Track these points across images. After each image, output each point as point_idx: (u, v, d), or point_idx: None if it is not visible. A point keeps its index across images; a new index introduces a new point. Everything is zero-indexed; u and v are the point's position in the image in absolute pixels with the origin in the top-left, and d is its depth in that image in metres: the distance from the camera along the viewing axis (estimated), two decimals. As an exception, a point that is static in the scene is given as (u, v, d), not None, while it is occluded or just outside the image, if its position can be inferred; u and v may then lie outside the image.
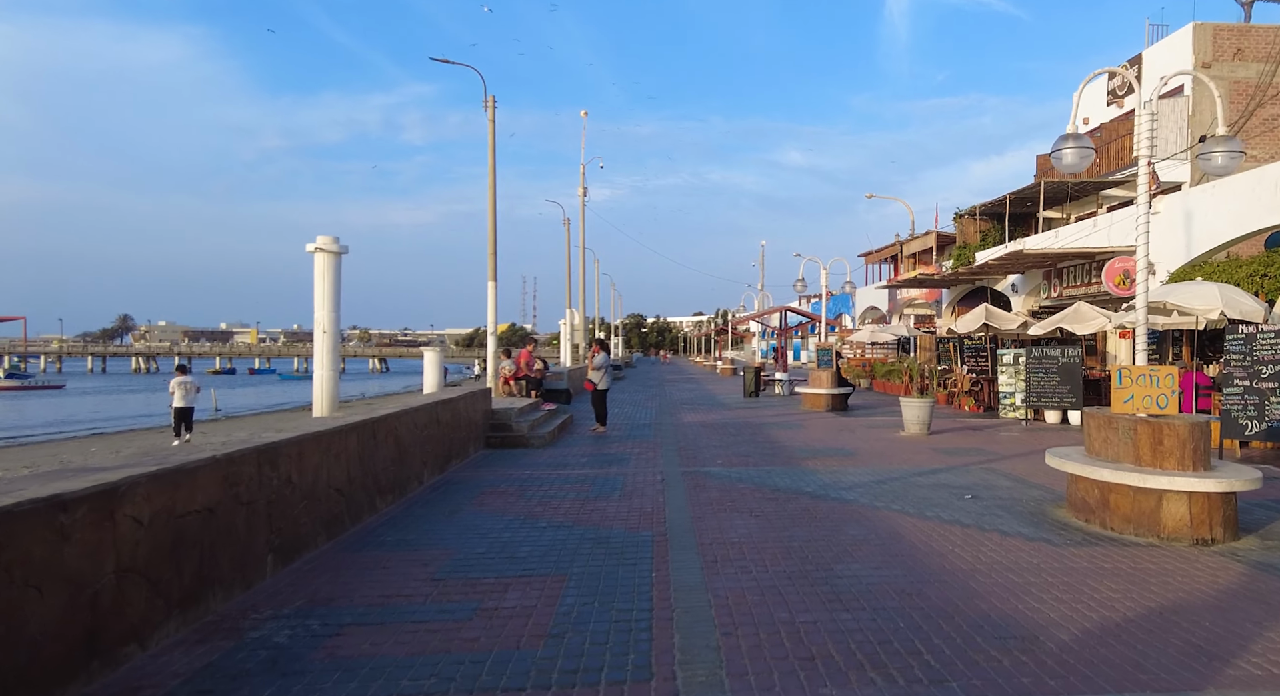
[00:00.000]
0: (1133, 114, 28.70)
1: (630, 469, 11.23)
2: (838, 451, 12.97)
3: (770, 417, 19.20)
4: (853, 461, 11.86)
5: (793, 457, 12.29)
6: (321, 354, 10.82)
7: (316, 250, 10.82)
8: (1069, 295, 22.65)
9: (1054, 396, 17.40)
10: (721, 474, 10.68)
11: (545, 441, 13.76)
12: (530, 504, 8.69)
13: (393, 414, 8.75)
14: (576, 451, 13.15)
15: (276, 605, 5.25)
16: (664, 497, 9.02)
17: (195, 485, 4.78)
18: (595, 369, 16.02)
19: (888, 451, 12.99)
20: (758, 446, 13.66)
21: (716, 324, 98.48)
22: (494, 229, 21.05)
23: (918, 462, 11.74)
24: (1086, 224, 21.92)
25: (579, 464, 11.74)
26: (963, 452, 12.83)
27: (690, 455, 12.64)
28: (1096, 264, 21.24)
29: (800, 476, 10.43)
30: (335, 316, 10.95)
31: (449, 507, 8.49)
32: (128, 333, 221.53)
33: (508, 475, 10.69)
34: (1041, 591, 5.52)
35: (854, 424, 17.61)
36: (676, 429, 16.69)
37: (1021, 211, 30.06)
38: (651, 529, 7.48)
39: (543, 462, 11.85)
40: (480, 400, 13.19)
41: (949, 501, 8.73)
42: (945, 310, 33.25)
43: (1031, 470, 10.95)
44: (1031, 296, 25.82)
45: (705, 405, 23.57)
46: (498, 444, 13.48)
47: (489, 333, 20.93)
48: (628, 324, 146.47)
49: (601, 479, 10.34)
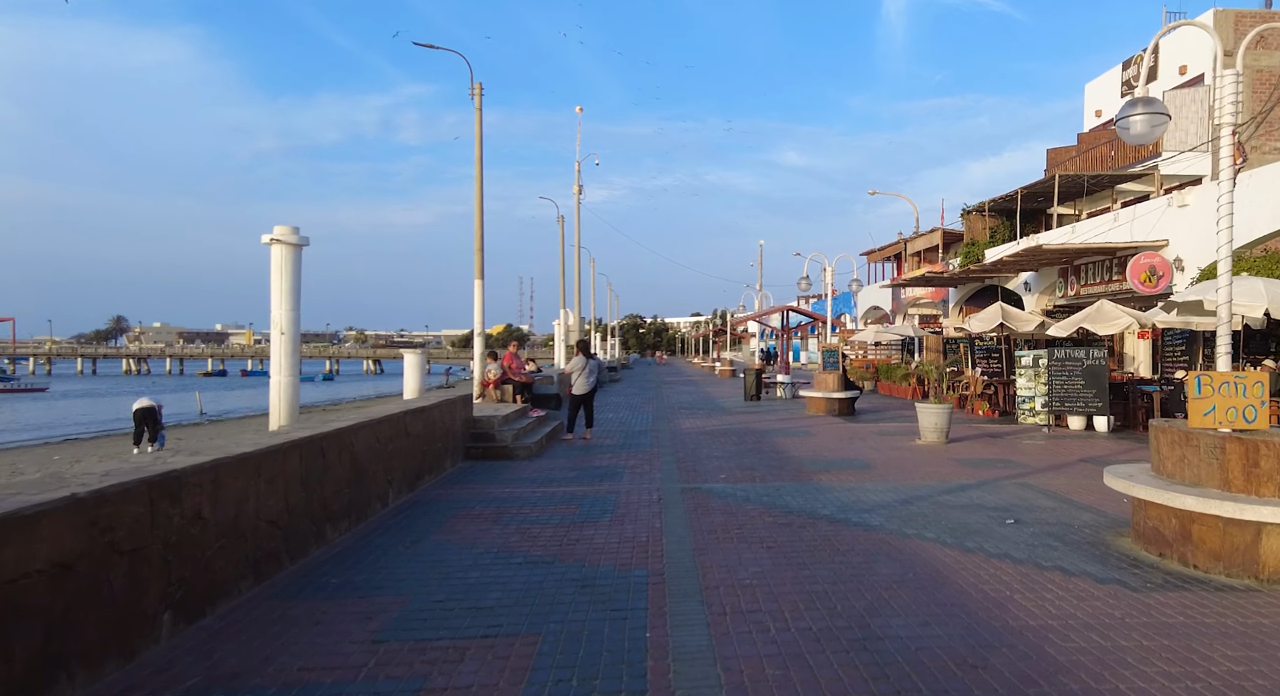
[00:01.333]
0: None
1: (624, 485, 10.06)
2: (852, 463, 11.81)
3: (774, 423, 18.04)
4: (870, 476, 10.70)
5: (803, 471, 11.13)
6: (279, 357, 9.66)
7: (273, 242, 9.66)
8: (1087, 294, 21.52)
9: (1078, 401, 16.26)
10: (726, 491, 9.52)
11: (531, 452, 12.58)
12: (506, 531, 7.52)
13: (348, 427, 7.58)
14: (565, 464, 11.98)
15: (161, 686, 4.07)
16: (661, 522, 7.85)
17: (35, 537, 3.61)
18: (573, 372, 14.90)
19: (906, 463, 11.83)
20: (763, 457, 12.50)
21: (715, 324, 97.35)
22: (481, 223, 19.88)
23: (942, 477, 10.58)
24: (1105, 218, 20.80)
25: (567, 479, 10.57)
26: (988, 464, 11.68)
27: (690, 468, 11.48)
28: (1118, 260, 20.12)
29: (814, 494, 9.27)
30: (295, 315, 9.78)
31: (413, 536, 7.32)
32: (122, 334, 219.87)
33: (486, 493, 9.51)
34: (1141, 662, 4.35)
35: (864, 431, 16.45)
36: (675, 436, 15.53)
37: (1032, 207, 28.91)
38: (646, 566, 6.31)
39: (527, 477, 10.68)
40: (459, 407, 12.02)
41: (989, 527, 7.57)
42: (952, 309, 32.11)
43: (1072, 486, 9.79)
44: (1045, 295, 24.69)
45: (704, 409, 22.42)
46: (478, 455, 12.31)
47: (476, 333, 19.77)
48: (625, 325, 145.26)
49: (591, 498, 9.16)
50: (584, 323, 48.70)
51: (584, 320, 48.55)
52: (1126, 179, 24.35)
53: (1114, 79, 29.70)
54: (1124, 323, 17.21)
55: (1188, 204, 17.71)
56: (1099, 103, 30.74)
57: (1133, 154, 25.69)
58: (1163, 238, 18.28)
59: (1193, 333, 16.38)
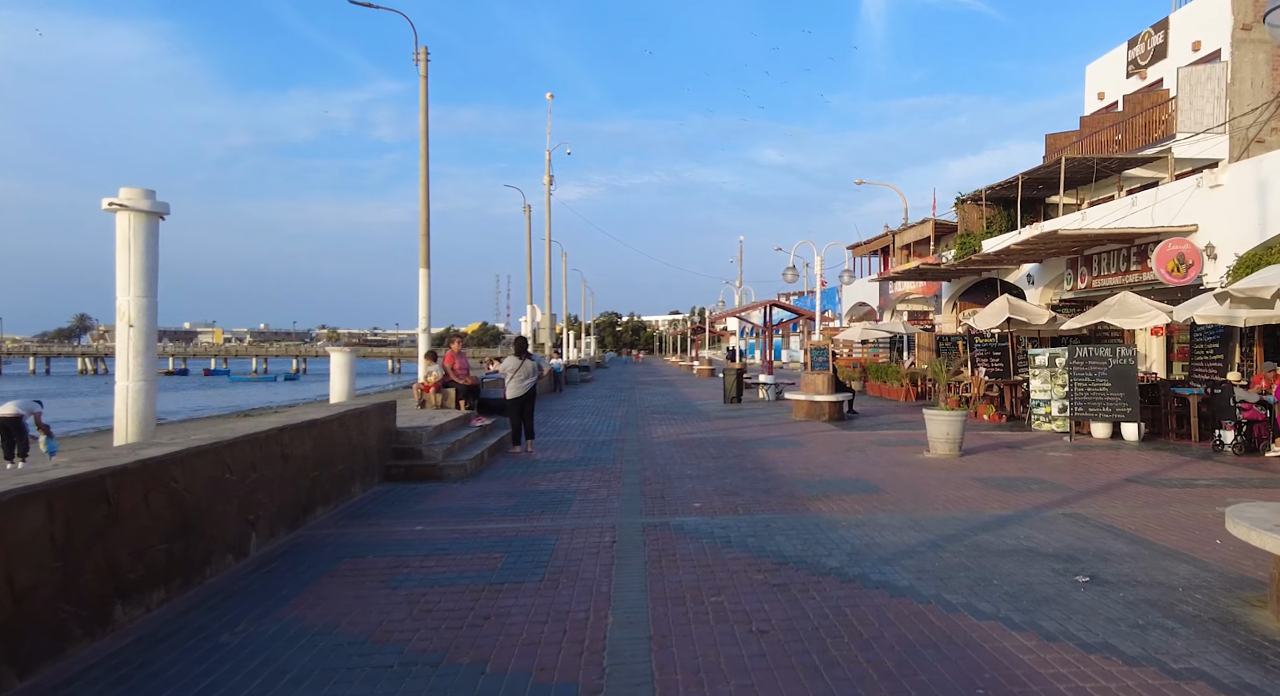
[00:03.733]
0: (1158, 85, 25.79)
1: (570, 519, 7.91)
2: (855, 484, 9.72)
3: (758, 431, 15.95)
4: (880, 503, 8.61)
5: (795, 496, 9.03)
6: (128, 357, 7.48)
7: (117, 208, 7.49)
8: (1100, 286, 19.59)
9: (1103, 406, 14.27)
10: (700, 528, 7.39)
11: (464, 472, 10.39)
12: (393, 601, 5.35)
13: (168, 456, 5.37)
14: (503, 487, 9.81)
15: None
16: (610, 584, 5.71)
17: None
18: (505, 374, 12.76)
19: (920, 484, 9.77)
20: (748, 476, 10.40)
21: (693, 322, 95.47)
22: (426, 205, 17.69)
23: (969, 504, 8.52)
24: (1122, 203, 18.86)
25: (500, 510, 8.39)
26: (1019, 485, 9.64)
27: (658, 492, 9.35)
28: (1136, 249, 18.19)
29: (815, 533, 7.17)
30: (149, 303, 7.62)
31: (253, 613, 5.14)
32: (85, 333, 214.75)
33: (390, 534, 7.33)
34: None
35: (860, 440, 14.39)
36: (644, 448, 13.39)
37: (1030, 196, 26.95)
38: (578, 675, 4.16)
39: (450, 508, 8.49)
40: (375, 418, 9.83)
41: (1061, 590, 5.49)
42: (945, 305, 30.19)
43: (1137, 519, 7.75)
44: (1051, 288, 22.76)
45: (680, 414, 20.30)
46: (400, 476, 10.12)
47: (420, 329, 17.53)
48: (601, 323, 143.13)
49: (524, 541, 7.00)
50: (555, 320, 46.52)
51: (555, 317, 46.37)
52: (1139, 163, 22.43)
53: (1118, 59, 27.86)
54: (1151, 317, 15.29)
55: (1221, 184, 15.79)
56: (1101, 85, 28.89)
57: (1142, 136, 23.82)
58: (1190, 222, 16.37)
59: (1228, 328, 14.47)
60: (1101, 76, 28.95)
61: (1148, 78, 26.31)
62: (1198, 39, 23.88)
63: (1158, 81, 25.71)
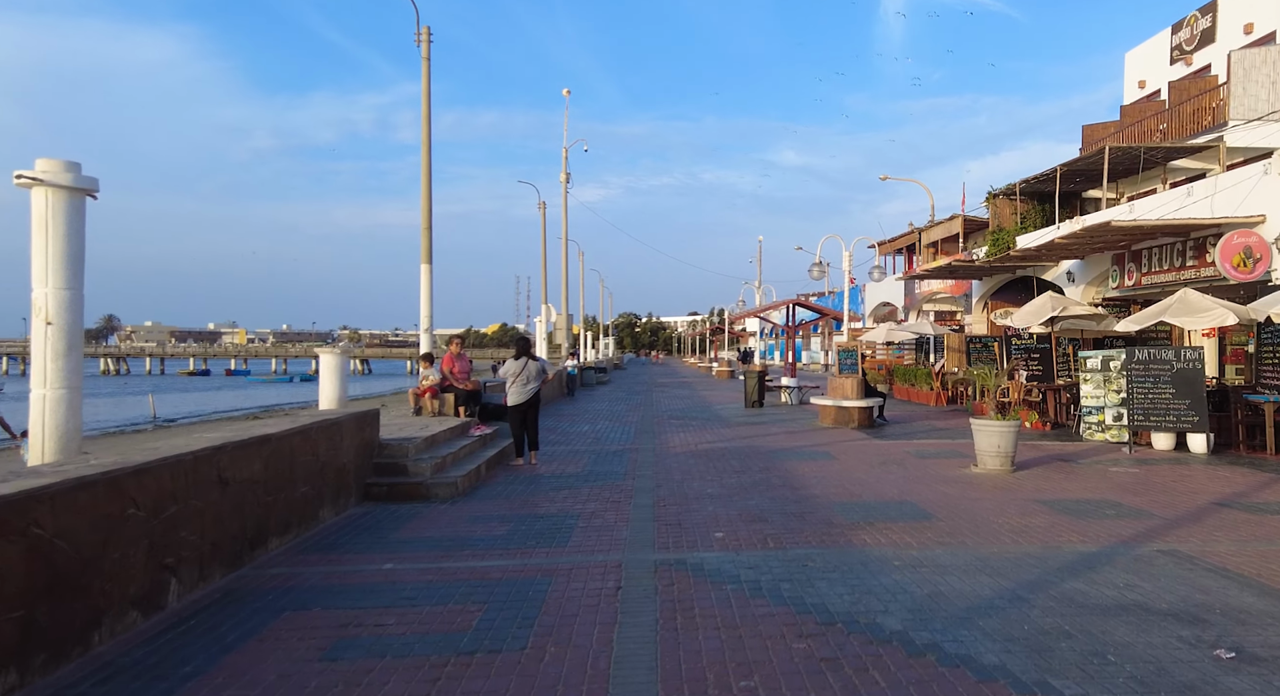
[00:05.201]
0: (1206, 71, 24.26)
1: (570, 555, 6.67)
2: (901, 509, 8.43)
3: (783, 439, 14.66)
4: (935, 534, 7.32)
5: (834, 523, 7.76)
6: (45, 360, 6.30)
7: (32, 183, 6.31)
8: (1151, 283, 18.17)
9: (1167, 414, 12.89)
10: (724, 569, 6.13)
11: (455, 491, 9.17)
12: (328, 681, 4.14)
13: (20, 495, 4.16)
14: (497, 508, 8.59)
15: None
16: (610, 656, 4.47)
17: None
18: (506, 378, 11.57)
19: (976, 508, 8.46)
20: (776, 496, 9.13)
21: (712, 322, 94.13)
22: (428, 197, 16.53)
23: (1041, 536, 7.21)
24: (1177, 192, 17.42)
25: (488, 541, 7.17)
26: (1092, 510, 8.32)
27: (674, 517, 8.10)
28: (1193, 242, 16.77)
29: (863, 577, 5.89)
30: (73, 297, 6.47)
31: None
32: (113, 333, 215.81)
33: (351, 573, 6.12)
34: None
35: (897, 451, 13.08)
36: (659, 460, 12.15)
37: (1066, 190, 25.44)
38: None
39: (430, 537, 7.28)
40: (354, 429, 8.63)
41: (1208, 675, 4.20)
42: (976, 305, 28.75)
43: (1252, 559, 6.41)
44: (1094, 286, 21.32)
45: (699, 419, 19.03)
46: (381, 496, 8.92)
47: (421, 329, 16.40)
48: (619, 324, 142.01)
49: (510, 586, 5.77)
50: (572, 320, 45.35)
51: (572, 318, 45.20)
52: (1189, 152, 20.90)
53: (1161, 45, 26.33)
54: (1216, 316, 13.86)
55: (1293, 169, 14.38)
56: (1142, 73, 27.37)
57: (1190, 125, 22.31)
58: (1257, 213, 14.95)
59: None
60: (1142, 64, 27.44)
61: (1194, 64, 24.78)
62: (1250, 21, 22.36)
63: (1205, 67, 24.19)
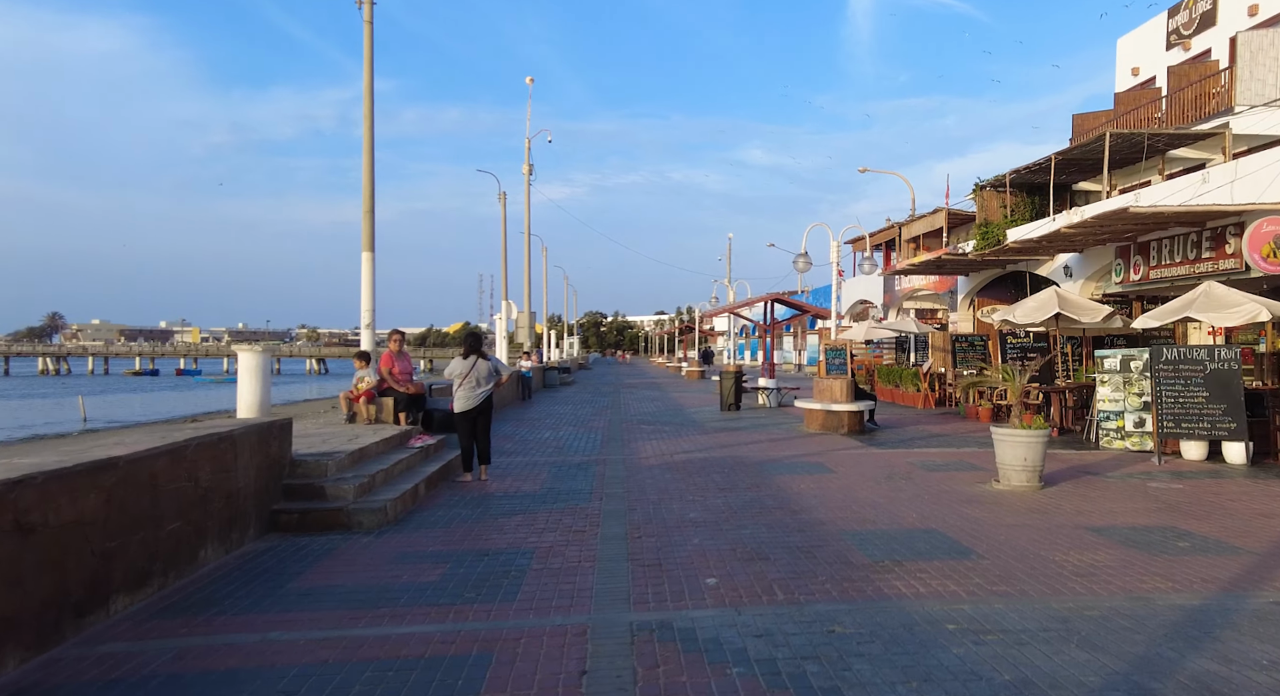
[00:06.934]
0: (1205, 56, 23.16)
1: (519, 615, 5.05)
2: (929, 540, 6.91)
3: (770, 448, 13.14)
4: (983, 576, 5.80)
5: (852, 562, 6.21)
6: None
7: None
8: (1161, 276, 16.92)
9: (1200, 421, 11.55)
10: (725, 639, 4.55)
11: (384, 518, 7.49)
12: None
13: None
14: (433, 541, 6.93)
15: None
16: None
17: None
18: (453, 379, 9.86)
19: (1017, 538, 6.97)
20: (773, 522, 7.57)
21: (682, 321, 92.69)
22: (370, 176, 14.76)
23: (1118, 580, 5.72)
24: (1192, 179, 16.14)
25: (417, 589, 5.52)
26: (1157, 542, 6.86)
27: (652, 554, 6.50)
28: (1209, 232, 15.52)
29: (911, 651, 4.34)
30: None
31: None
32: (57, 331, 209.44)
33: (213, 650, 4.44)
34: None
35: (900, 462, 11.61)
36: (630, 475, 10.56)
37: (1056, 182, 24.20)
38: None
39: (342, 586, 5.61)
40: (256, 445, 6.93)
41: None
42: (962, 302, 27.51)
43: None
44: (1094, 281, 20.08)
45: (673, 424, 17.47)
46: (292, 526, 7.23)
47: (363, 325, 14.62)
48: (585, 322, 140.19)
49: (434, 668, 4.14)
50: (535, 318, 43.60)
51: (535, 315, 43.45)
52: (1194, 139, 19.68)
53: (1156, 29, 25.24)
54: (1246, 311, 12.54)
55: (1326, 151, 13.15)
56: (1135, 59, 26.27)
57: (1192, 112, 21.17)
58: (1285, 199, 13.73)
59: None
60: (1135, 50, 26.35)
61: (1192, 49, 23.69)
62: (1254, 2, 21.25)
63: (1205, 52, 23.09)
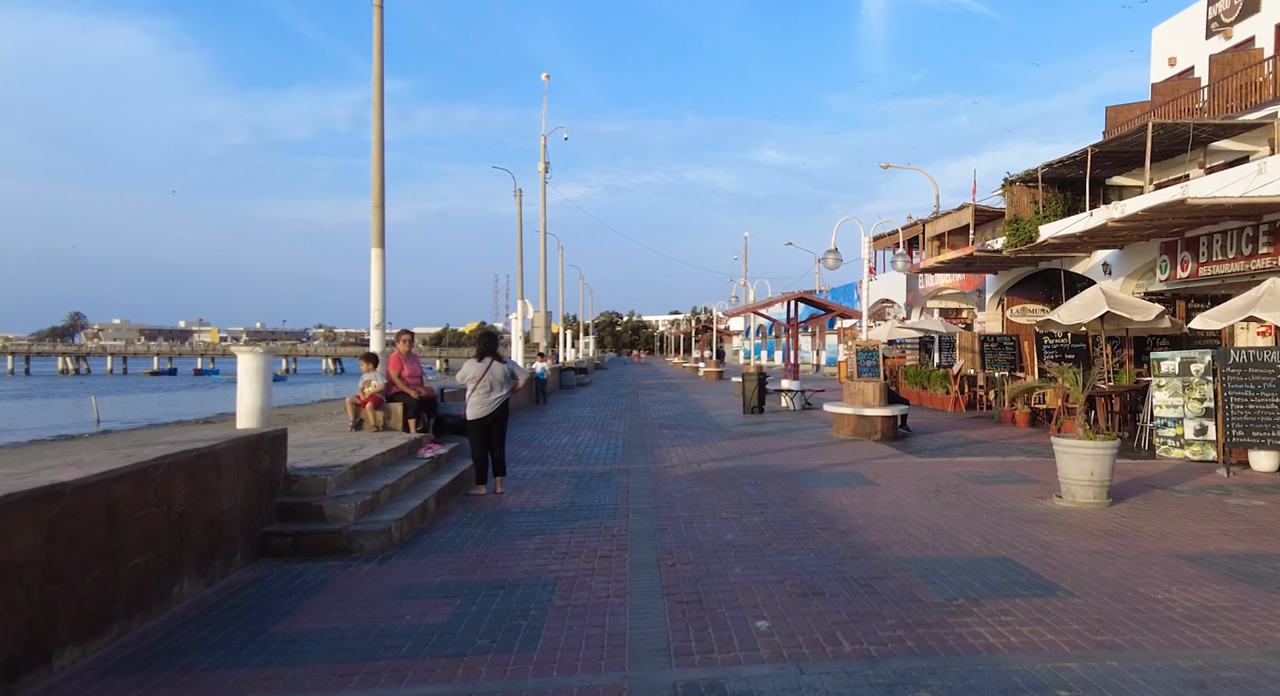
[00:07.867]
0: (1249, 44, 22.16)
1: (539, 675, 4.26)
2: (1002, 571, 6.08)
3: (801, 456, 12.31)
4: (1080, 621, 4.97)
5: (921, 600, 5.40)
6: None
7: None
8: (1211, 274, 15.99)
9: (1273, 429, 10.66)
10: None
11: (387, 541, 6.72)
12: None
13: None
14: (441, 570, 6.16)
15: None
16: None
17: None
18: (466, 383, 9.05)
19: (1104, 569, 6.13)
20: (822, 547, 6.76)
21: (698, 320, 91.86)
22: (380, 168, 14.03)
23: (1243, 627, 4.89)
24: (1247, 169, 15.19)
25: (419, 635, 4.74)
26: (1270, 573, 6.02)
27: (689, 587, 5.70)
28: (1267, 227, 14.59)
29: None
30: None
31: None
32: (79, 331, 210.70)
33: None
34: None
35: (945, 473, 10.77)
36: (657, 487, 9.76)
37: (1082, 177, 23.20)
38: None
39: (331, 632, 4.84)
40: (243, 460, 6.18)
41: None
42: (990, 301, 26.58)
43: None
44: (1135, 279, 19.15)
45: (695, 428, 16.67)
46: (285, 550, 6.47)
47: (372, 325, 13.86)
48: (600, 322, 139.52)
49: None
50: (550, 318, 42.90)
51: (550, 315, 42.76)
52: (1243, 128, 18.67)
53: (1195, 18, 24.24)
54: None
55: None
56: (1171, 49, 25.28)
57: (1236, 102, 20.20)
58: (1355, 190, 12.81)
59: None
60: (1172, 39, 25.35)
61: (1233, 37, 22.70)
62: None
63: (1248, 40, 22.10)
